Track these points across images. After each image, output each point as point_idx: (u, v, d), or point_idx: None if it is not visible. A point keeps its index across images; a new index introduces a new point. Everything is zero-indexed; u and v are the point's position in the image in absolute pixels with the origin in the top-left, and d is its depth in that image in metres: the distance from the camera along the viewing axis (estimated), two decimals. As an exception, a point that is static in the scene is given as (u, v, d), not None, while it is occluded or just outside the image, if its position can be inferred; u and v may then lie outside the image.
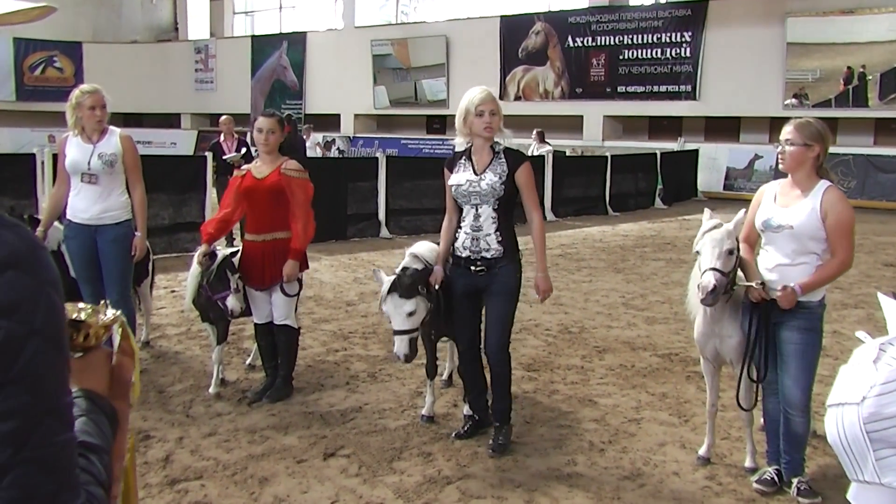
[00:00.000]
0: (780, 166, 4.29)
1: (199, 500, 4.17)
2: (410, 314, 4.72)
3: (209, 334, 6.14)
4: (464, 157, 4.86)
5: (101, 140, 5.71)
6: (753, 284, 4.22)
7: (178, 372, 6.29)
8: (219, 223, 5.71)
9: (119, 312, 1.52)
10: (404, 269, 4.90)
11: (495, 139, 4.82)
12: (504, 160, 4.75)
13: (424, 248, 5.23)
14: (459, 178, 4.80)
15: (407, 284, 4.75)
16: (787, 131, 4.24)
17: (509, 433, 4.95)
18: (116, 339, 1.52)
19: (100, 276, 5.81)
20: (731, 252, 4.23)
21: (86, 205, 5.71)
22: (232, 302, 5.51)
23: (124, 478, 1.64)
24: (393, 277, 4.79)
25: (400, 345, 4.72)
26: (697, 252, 4.30)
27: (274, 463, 4.63)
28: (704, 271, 4.18)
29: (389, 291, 4.73)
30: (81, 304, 1.51)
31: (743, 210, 4.41)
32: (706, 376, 4.76)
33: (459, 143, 4.90)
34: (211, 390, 5.87)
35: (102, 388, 1.45)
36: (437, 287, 4.87)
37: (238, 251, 5.74)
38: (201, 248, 5.56)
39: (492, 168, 4.73)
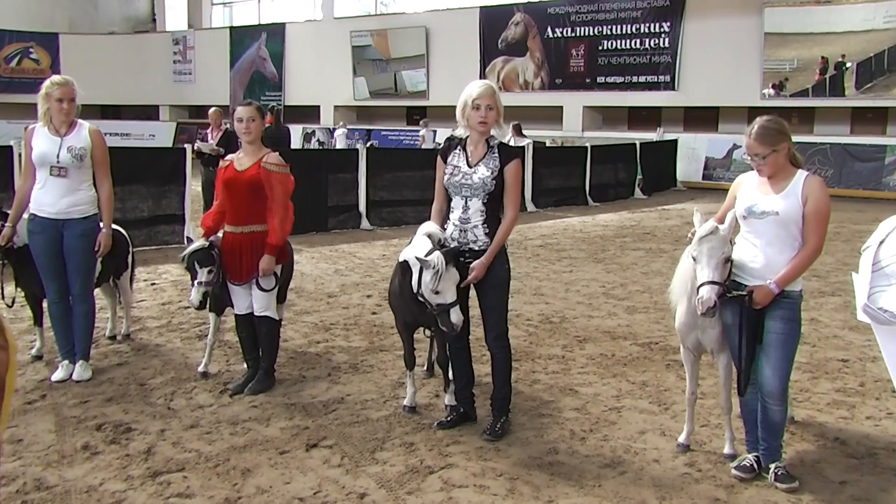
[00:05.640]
0: (759, 174, 4.31)
1: (182, 492, 4.17)
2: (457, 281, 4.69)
3: (210, 324, 6.12)
4: (459, 147, 4.90)
5: (69, 133, 5.63)
6: (744, 293, 4.23)
7: (159, 364, 6.27)
8: (216, 215, 5.71)
9: None
10: (429, 239, 4.81)
11: (492, 133, 4.86)
12: (497, 155, 4.80)
13: (432, 227, 4.99)
14: (452, 167, 4.85)
15: (455, 253, 4.70)
16: (751, 146, 4.24)
17: (508, 423, 5.02)
18: None
19: (65, 271, 5.75)
20: (727, 260, 4.26)
21: (53, 199, 5.61)
22: (192, 294, 5.56)
23: None
24: (437, 252, 4.61)
25: (459, 315, 4.62)
26: (693, 258, 4.31)
27: (256, 454, 4.63)
28: (702, 284, 4.18)
29: (447, 264, 4.59)
30: None
31: (732, 211, 4.40)
32: (686, 365, 4.81)
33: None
34: (200, 369, 6.01)
35: None
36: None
37: (210, 244, 5.66)
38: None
39: (484, 162, 4.78)
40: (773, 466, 4.34)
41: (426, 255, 4.62)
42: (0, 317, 1.57)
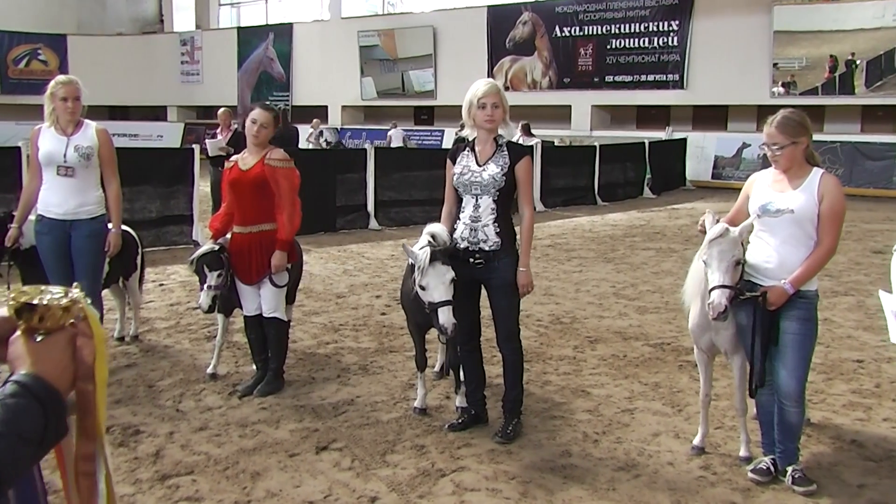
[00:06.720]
0: (774, 166, 4.27)
1: (191, 496, 4.13)
2: (452, 281, 4.58)
3: (219, 325, 6.09)
4: (467, 148, 4.88)
5: (76, 132, 5.59)
6: (757, 294, 4.18)
7: (168, 366, 6.24)
8: (223, 217, 5.68)
9: (78, 294, 1.51)
10: (432, 238, 4.77)
11: (499, 132, 4.83)
12: (506, 153, 4.77)
13: (438, 227, 4.95)
14: (461, 167, 4.81)
15: (449, 252, 4.65)
16: (771, 135, 4.18)
17: (520, 425, 4.96)
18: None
19: (73, 273, 5.70)
20: (738, 263, 4.20)
21: (61, 199, 5.57)
22: (201, 297, 5.53)
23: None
24: (428, 249, 4.59)
25: (448, 316, 4.53)
26: (704, 261, 4.26)
27: (266, 457, 4.59)
28: (713, 288, 4.13)
29: (432, 261, 4.54)
30: (53, 288, 1.50)
31: (750, 219, 4.33)
32: (700, 366, 4.75)
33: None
34: (208, 370, 5.98)
35: (60, 371, 1.46)
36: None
37: (220, 247, 5.63)
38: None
39: (494, 160, 4.75)
40: (789, 469, 4.28)
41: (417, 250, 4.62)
42: (87, 305, 1.52)
